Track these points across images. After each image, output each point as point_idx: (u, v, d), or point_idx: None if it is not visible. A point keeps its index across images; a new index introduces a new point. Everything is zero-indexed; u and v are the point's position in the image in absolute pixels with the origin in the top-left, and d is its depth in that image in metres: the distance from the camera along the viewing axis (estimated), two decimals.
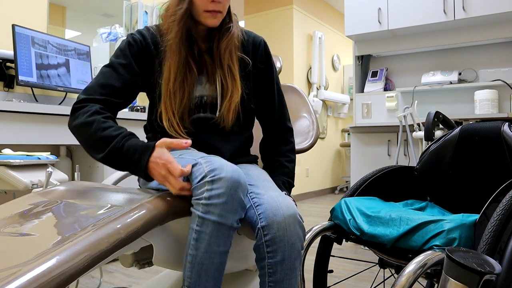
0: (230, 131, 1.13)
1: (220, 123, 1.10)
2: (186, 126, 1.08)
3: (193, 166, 0.89)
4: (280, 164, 1.18)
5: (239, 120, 1.13)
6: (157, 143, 0.93)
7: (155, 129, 1.13)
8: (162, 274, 1.40)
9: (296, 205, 0.97)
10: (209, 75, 1.12)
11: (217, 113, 1.10)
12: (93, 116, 0.97)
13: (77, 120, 0.98)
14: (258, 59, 1.19)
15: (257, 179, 1.02)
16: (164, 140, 0.93)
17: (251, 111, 1.19)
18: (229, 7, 1.11)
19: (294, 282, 0.92)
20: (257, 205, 0.92)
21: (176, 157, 0.97)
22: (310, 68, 5.13)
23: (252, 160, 1.21)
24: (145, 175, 0.93)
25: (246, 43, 1.17)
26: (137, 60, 1.08)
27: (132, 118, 2.34)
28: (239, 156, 1.17)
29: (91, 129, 0.95)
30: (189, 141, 0.92)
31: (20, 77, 2.09)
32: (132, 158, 0.93)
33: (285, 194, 0.99)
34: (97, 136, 0.94)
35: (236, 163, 1.15)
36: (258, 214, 0.91)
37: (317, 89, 5.17)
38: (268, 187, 0.98)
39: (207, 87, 1.11)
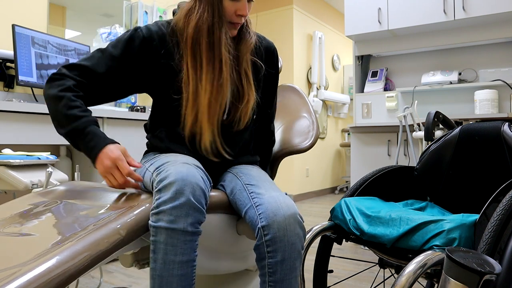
0: (235, 131, 1.13)
1: (234, 126, 1.11)
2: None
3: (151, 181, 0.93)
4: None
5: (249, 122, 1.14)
6: (118, 146, 0.99)
7: (159, 129, 1.13)
8: None
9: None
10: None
11: (225, 116, 1.09)
12: (64, 91, 0.99)
13: (50, 90, 1.00)
14: (270, 65, 1.21)
15: (258, 179, 1.02)
16: (125, 149, 1.00)
17: (255, 114, 1.19)
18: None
19: (294, 282, 0.92)
20: (257, 205, 0.92)
21: (146, 164, 1.03)
22: (310, 68, 5.13)
23: (254, 161, 1.21)
24: (93, 162, 0.99)
25: (259, 47, 1.17)
26: (135, 58, 1.06)
27: (132, 118, 2.34)
28: (242, 154, 1.18)
29: (60, 104, 0.98)
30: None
31: (20, 77, 2.09)
32: (89, 144, 0.98)
33: (285, 194, 0.99)
34: (63, 112, 0.97)
35: (238, 163, 1.15)
36: (259, 214, 0.91)
37: (317, 89, 5.17)
38: (269, 187, 0.98)
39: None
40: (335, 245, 1.28)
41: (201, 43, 1.03)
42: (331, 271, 1.31)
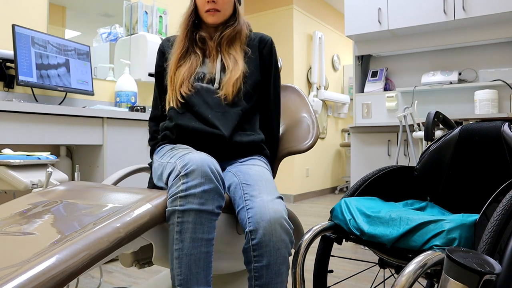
0: (226, 103, 1.20)
1: (221, 93, 1.20)
2: (185, 94, 1.21)
3: (170, 172, 0.97)
4: None
5: (239, 94, 1.21)
6: None
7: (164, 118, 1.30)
8: (162, 274, 1.40)
9: (287, 209, 0.99)
10: (211, 57, 1.27)
11: (215, 84, 1.22)
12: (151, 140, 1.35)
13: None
14: (264, 52, 1.30)
15: (256, 179, 1.02)
16: None
17: (251, 90, 1.25)
18: (237, 11, 1.29)
19: (280, 286, 0.93)
20: (248, 208, 0.94)
21: (163, 160, 1.07)
22: (310, 68, 5.13)
23: (257, 141, 1.24)
24: None
25: (252, 39, 1.31)
26: (159, 66, 1.33)
27: (132, 118, 2.34)
28: (238, 130, 1.20)
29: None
30: None
31: (20, 77, 2.09)
32: None
33: (278, 197, 1.00)
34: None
35: (240, 144, 1.18)
36: (248, 218, 0.93)
37: (317, 89, 5.17)
38: (264, 190, 0.99)
39: (209, 65, 1.26)
40: (335, 245, 1.28)
41: (184, 30, 1.26)
42: (331, 271, 1.31)
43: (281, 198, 1.00)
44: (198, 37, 1.26)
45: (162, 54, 1.33)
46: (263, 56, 1.30)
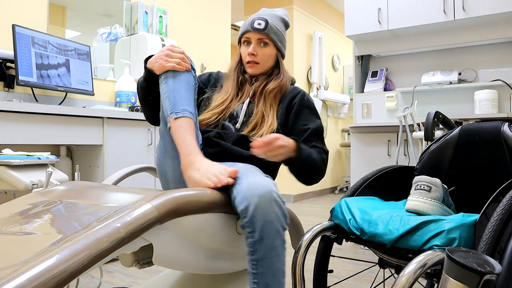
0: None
1: (252, 134, 1.26)
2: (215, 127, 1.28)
3: None
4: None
5: None
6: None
7: None
8: (162, 274, 1.40)
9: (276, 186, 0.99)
10: (239, 96, 1.35)
11: (237, 125, 1.29)
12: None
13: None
14: (293, 101, 1.35)
15: (243, 171, 1.04)
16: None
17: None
18: (280, 64, 1.37)
19: (276, 261, 0.93)
20: (238, 191, 0.96)
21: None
22: (310, 68, 5.13)
23: (252, 161, 1.22)
24: (146, 69, 1.19)
25: (288, 93, 1.36)
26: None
27: (132, 118, 2.34)
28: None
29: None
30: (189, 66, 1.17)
31: (20, 77, 2.09)
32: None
33: (266, 177, 1.01)
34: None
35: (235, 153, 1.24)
36: (239, 199, 0.94)
37: (317, 89, 5.17)
38: (251, 175, 1.01)
39: (236, 103, 1.35)
40: (335, 245, 1.28)
41: (233, 74, 1.39)
42: (331, 271, 1.31)
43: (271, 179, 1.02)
44: (241, 80, 1.38)
45: (213, 79, 1.43)
46: (292, 104, 1.34)
